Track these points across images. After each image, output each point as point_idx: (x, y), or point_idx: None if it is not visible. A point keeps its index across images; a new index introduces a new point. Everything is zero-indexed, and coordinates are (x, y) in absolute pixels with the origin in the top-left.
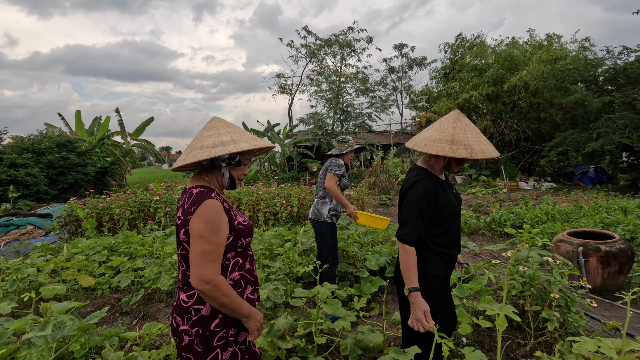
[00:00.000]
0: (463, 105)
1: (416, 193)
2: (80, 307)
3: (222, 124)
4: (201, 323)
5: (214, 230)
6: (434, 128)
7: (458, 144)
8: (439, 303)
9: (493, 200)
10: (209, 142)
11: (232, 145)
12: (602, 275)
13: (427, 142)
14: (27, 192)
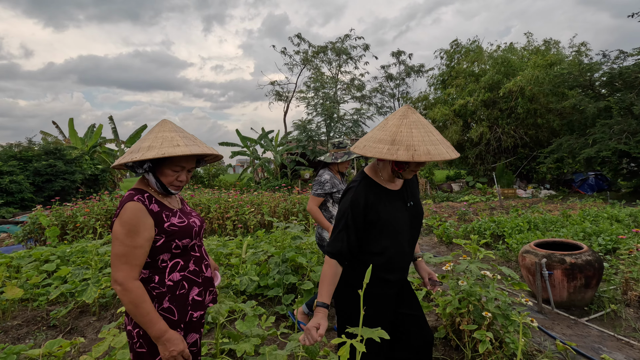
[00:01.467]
0: (459, 111)
1: (345, 202)
2: (7, 320)
3: (158, 129)
4: (130, 338)
5: (129, 233)
6: (378, 127)
7: (399, 145)
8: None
9: (484, 207)
10: (133, 147)
11: (140, 153)
12: (567, 290)
13: (367, 143)
14: (11, 200)
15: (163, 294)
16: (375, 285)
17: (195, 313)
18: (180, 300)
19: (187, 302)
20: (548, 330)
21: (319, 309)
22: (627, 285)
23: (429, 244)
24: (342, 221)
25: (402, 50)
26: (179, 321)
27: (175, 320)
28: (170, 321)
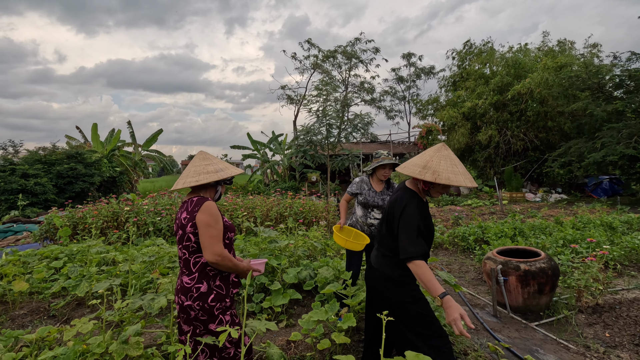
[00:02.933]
0: (469, 114)
1: (412, 212)
2: (15, 310)
3: (211, 157)
4: (201, 298)
5: (217, 220)
6: (419, 155)
7: (428, 169)
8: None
9: (484, 212)
10: (212, 169)
11: (226, 171)
12: (522, 295)
13: (406, 165)
14: (36, 200)
15: (215, 274)
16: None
17: (234, 290)
18: (225, 280)
19: (229, 281)
20: (496, 333)
21: (448, 298)
22: (580, 292)
23: None
24: (416, 228)
25: (413, 52)
26: (226, 295)
27: (224, 294)
28: (219, 295)
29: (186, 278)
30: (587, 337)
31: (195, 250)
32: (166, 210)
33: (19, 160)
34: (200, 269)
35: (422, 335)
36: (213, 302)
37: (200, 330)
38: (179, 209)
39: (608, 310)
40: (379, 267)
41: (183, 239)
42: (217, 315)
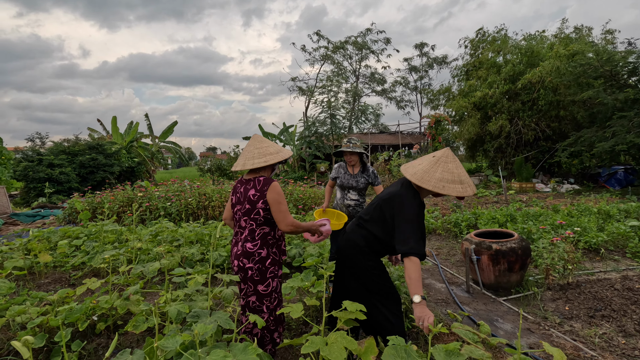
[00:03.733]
0: (479, 103)
1: (414, 209)
2: (41, 279)
3: (267, 140)
4: (260, 262)
5: (284, 197)
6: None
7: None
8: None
9: (487, 201)
10: (273, 150)
11: (284, 152)
12: (494, 273)
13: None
14: (61, 189)
15: (273, 242)
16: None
17: (283, 256)
18: (279, 248)
19: (281, 249)
20: (464, 305)
21: (424, 302)
22: (547, 271)
23: None
24: (417, 226)
25: (425, 42)
26: (279, 260)
27: (277, 259)
28: (274, 261)
29: (249, 244)
30: (548, 310)
31: (262, 223)
32: (176, 196)
33: (46, 151)
34: (262, 237)
35: (381, 299)
36: (270, 265)
37: (250, 290)
38: (241, 185)
39: (574, 288)
40: (352, 235)
41: (252, 212)
42: (268, 279)
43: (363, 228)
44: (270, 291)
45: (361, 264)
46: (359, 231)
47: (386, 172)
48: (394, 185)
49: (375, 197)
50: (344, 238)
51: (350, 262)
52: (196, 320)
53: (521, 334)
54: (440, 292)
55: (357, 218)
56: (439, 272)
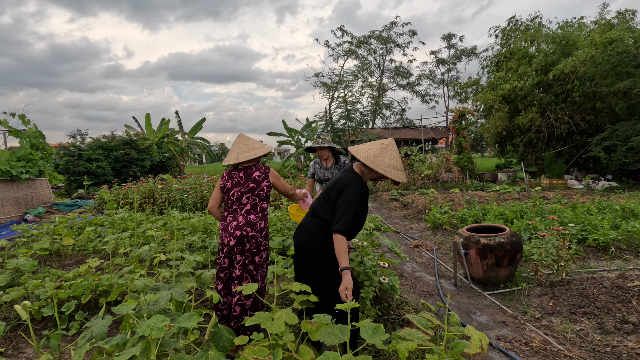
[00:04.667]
0: (508, 96)
1: (355, 194)
2: (66, 260)
3: (250, 138)
4: (260, 232)
5: (279, 176)
6: (370, 143)
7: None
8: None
9: (507, 198)
10: (257, 145)
11: (266, 147)
12: (481, 267)
13: (359, 149)
14: (97, 181)
15: (268, 218)
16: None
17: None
18: (268, 224)
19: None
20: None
21: (346, 272)
22: (536, 267)
23: (418, 229)
24: (352, 208)
25: (453, 33)
26: (268, 234)
27: (268, 233)
28: (267, 234)
29: (253, 216)
30: (531, 305)
31: (263, 198)
32: (192, 188)
33: (85, 146)
34: (262, 211)
35: (337, 283)
36: (263, 238)
37: (249, 261)
38: (238, 172)
39: (564, 285)
40: (308, 225)
41: (256, 189)
42: (262, 251)
43: (317, 217)
44: (262, 262)
45: (320, 251)
46: (314, 220)
47: (407, 168)
48: (340, 173)
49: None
50: (301, 229)
51: (309, 250)
52: (156, 291)
53: (494, 326)
54: (428, 284)
55: (311, 209)
56: (434, 265)
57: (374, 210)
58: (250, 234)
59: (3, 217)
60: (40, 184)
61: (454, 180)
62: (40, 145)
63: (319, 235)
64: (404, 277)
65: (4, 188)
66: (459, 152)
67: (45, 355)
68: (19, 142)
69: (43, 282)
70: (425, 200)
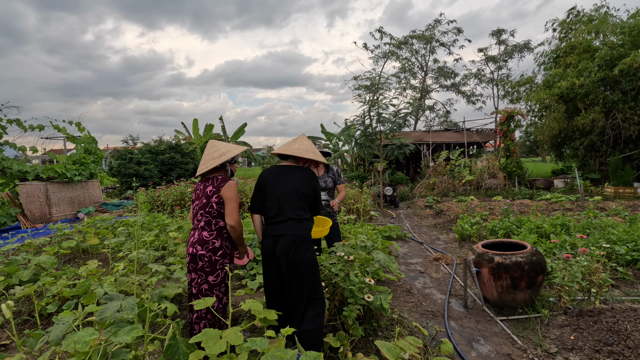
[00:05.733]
0: (566, 95)
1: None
2: (92, 258)
3: (216, 144)
4: (213, 251)
5: (237, 195)
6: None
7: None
8: None
9: (556, 208)
10: (216, 155)
11: (227, 154)
12: (496, 288)
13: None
14: (145, 183)
15: (228, 236)
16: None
17: (235, 252)
18: (232, 242)
19: (233, 244)
20: (453, 320)
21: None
22: (558, 292)
23: (445, 240)
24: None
25: (503, 29)
26: (229, 254)
27: (228, 253)
28: (225, 253)
29: (206, 233)
30: (548, 337)
31: (217, 216)
32: None
33: (136, 150)
34: (218, 229)
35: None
36: (220, 257)
37: (202, 280)
38: (201, 183)
39: (593, 315)
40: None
41: (207, 206)
42: (217, 270)
43: (301, 220)
44: (219, 281)
45: (306, 257)
46: (301, 225)
47: (446, 173)
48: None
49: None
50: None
51: (296, 259)
52: (108, 301)
53: (496, 359)
54: (436, 303)
55: (288, 219)
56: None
57: (405, 218)
58: (199, 252)
59: (59, 214)
60: (92, 185)
61: (499, 187)
62: (92, 150)
63: (307, 237)
64: (411, 294)
65: (60, 189)
66: (506, 156)
67: (19, 355)
68: (74, 147)
69: (57, 280)
70: (459, 208)
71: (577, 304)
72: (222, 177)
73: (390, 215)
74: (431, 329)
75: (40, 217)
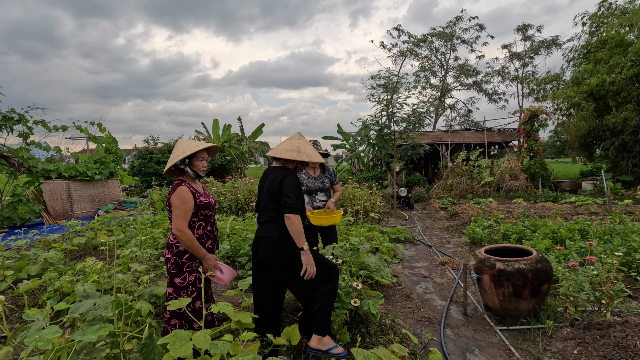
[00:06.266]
0: (596, 92)
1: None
2: (102, 255)
3: (180, 144)
4: (178, 255)
5: (184, 202)
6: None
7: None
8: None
9: (580, 212)
10: (172, 157)
11: (181, 155)
12: (497, 297)
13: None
14: (164, 182)
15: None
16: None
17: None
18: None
19: (205, 247)
20: (450, 328)
21: (305, 251)
22: (564, 303)
23: (456, 244)
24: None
25: (529, 24)
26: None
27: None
28: (192, 256)
29: (171, 237)
30: (550, 350)
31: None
32: (229, 192)
33: (156, 150)
34: None
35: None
36: (186, 260)
37: (169, 282)
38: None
39: (601, 329)
40: (270, 232)
41: (167, 209)
42: (184, 272)
43: (274, 221)
44: (186, 284)
45: (288, 253)
46: (275, 225)
47: (464, 174)
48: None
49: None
50: (260, 242)
51: (277, 255)
52: (85, 299)
53: None
54: (435, 310)
55: (265, 221)
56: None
57: (417, 220)
58: (166, 255)
59: (80, 211)
60: (112, 183)
61: (520, 189)
62: (112, 150)
63: (284, 235)
64: (410, 299)
65: (81, 187)
66: (529, 156)
67: (6, 348)
68: (96, 147)
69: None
70: (474, 210)
71: (588, 315)
72: (176, 182)
73: (403, 217)
74: (424, 337)
75: (62, 213)
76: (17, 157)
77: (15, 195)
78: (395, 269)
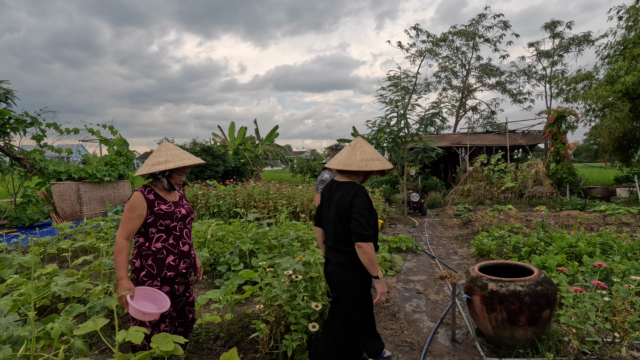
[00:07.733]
0: (632, 92)
1: (367, 201)
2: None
3: (162, 148)
4: (135, 272)
5: (131, 210)
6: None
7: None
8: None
9: (610, 222)
10: (151, 162)
11: (163, 165)
12: (490, 322)
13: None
14: None
15: (148, 255)
16: None
17: (169, 272)
18: (159, 262)
19: (164, 264)
20: (432, 357)
21: (379, 280)
22: (565, 334)
23: (462, 255)
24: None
25: (558, 20)
26: (157, 275)
27: (154, 274)
28: (150, 274)
29: (132, 252)
30: None
31: (136, 232)
32: (228, 195)
33: None
34: (138, 247)
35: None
36: (145, 278)
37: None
38: None
39: None
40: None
41: None
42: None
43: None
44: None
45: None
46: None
47: (483, 179)
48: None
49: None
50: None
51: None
52: None
53: None
54: (420, 333)
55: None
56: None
57: (427, 227)
58: (130, 275)
59: (89, 212)
60: (123, 185)
61: (544, 195)
62: (123, 152)
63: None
64: (396, 319)
65: (91, 188)
66: (556, 161)
67: None
68: (107, 149)
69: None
70: (488, 218)
71: (600, 349)
72: (137, 189)
73: (412, 224)
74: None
75: (71, 214)
76: (30, 159)
77: (25, 197)
78: (388, 282)
